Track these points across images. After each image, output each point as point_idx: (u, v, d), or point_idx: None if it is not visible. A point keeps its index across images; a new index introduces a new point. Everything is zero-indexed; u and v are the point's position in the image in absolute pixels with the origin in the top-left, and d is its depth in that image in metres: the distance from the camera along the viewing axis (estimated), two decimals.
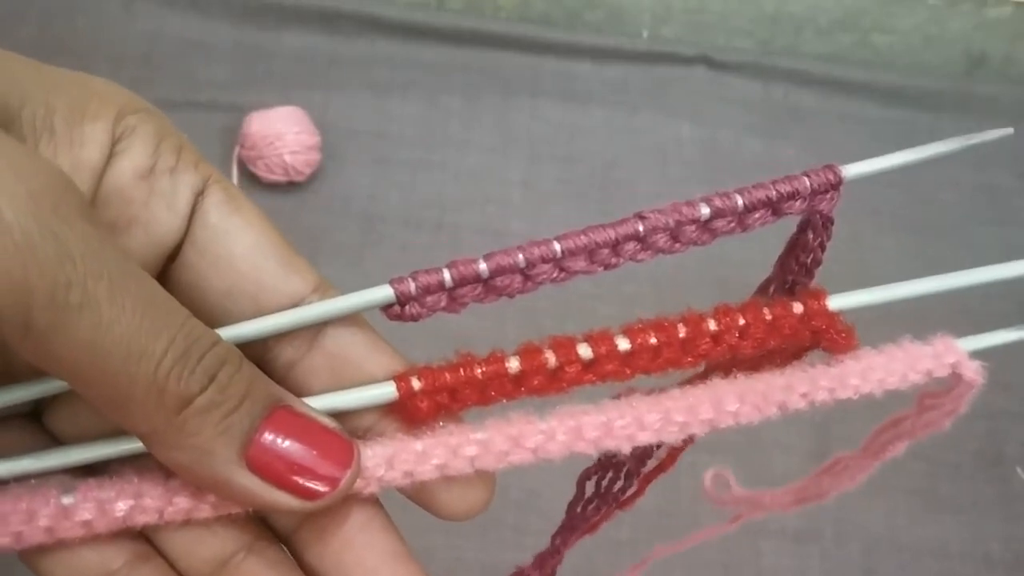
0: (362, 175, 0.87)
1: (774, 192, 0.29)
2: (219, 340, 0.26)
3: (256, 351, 0.29)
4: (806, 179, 0.29)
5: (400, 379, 0.29)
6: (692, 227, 0.29)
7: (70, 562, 0.28)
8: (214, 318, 0.29)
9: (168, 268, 0.29)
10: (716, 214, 0.29)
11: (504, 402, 0.29)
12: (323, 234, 0.84)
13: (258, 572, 0.29)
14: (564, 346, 0.29)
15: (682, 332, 0.29)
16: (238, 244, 0.29)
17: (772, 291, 0.33)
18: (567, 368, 0.29)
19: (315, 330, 0.29)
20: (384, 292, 0.29)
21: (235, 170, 0.85)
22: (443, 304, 0.29)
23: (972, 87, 0.96)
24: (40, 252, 0.22)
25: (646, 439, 0.29)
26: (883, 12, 0.95)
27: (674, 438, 0.29)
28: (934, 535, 0.76)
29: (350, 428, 0.29)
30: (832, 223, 0.30)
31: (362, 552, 0.29)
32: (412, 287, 0.28)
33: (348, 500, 0.28)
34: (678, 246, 0.29)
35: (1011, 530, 0.76)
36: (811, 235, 0.31)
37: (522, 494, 0.73)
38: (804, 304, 0.30)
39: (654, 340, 0.29)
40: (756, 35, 0.98)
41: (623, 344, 0.29)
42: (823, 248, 0.31)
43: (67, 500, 0.27)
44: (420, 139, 0.90)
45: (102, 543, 0.28)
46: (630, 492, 0.36)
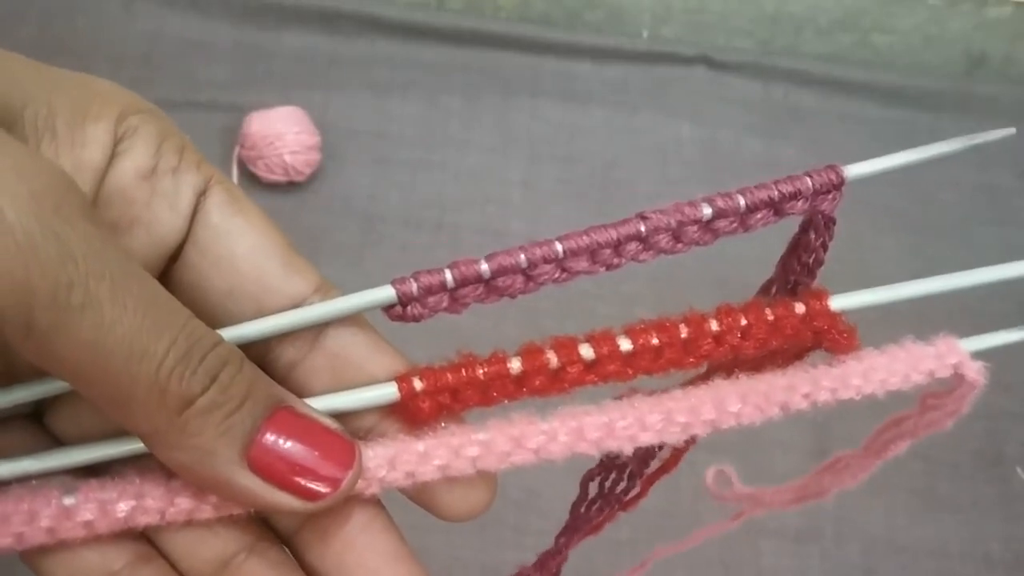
0: (362, 175, 0.87)
1: (776, 192, 0.29)
2: (221, 340, 0.26)
3: (258, 352, 0.29)
4: (808, 179, 0.29)
5: (402, 380, 0.29)
6: (694, 227, 0.29)
7: (71, 563, 0.28)
8: (216, 318, 0.29)
9: (170, 268, 0.29)
10: (718, 214, 0.29)
11: (506, 403, 0.29)
12: (323, 234, 0.84)
13: (260, 573, 0.29)
14: (566, 346, 0.29)
15: (684, 332, 0.29)
16: (240, 244, 0.29)
17: (774, 291, 0.33)
18: (569, 368, 0.29)
19: (317, 331, 0.29)
20: (386, 292, 0.28)
21: (235, 170, 0.85)
22: (445, 304, 0.29)
23: (972, 87, 0.96)
24: (42, 252, 0.22)
25: (648, 440, 0.29)
26: (883, 12, 0.95)
27: (676, 439, 0.29)
28: (934, 535, 0.76)
29: (352, 429, 0.29)
30: (834, 223, 0.30)
31: (364, 553, 0.29)
32: (414, 287, 0.28)
33: (350, 501, 0.28)
34: (680, 246, 0.29)
35: (1011, 530, 0.76)
36: (813, 235, 0.30)
37: (522, 494, 0.73)
38: (806, 304, 0.30)
39: (656, 340, 0.29)
40: (756, 35, 0.98)
41: (625, 344, 0.29)
42: (825, 248, 0.31)
43: (69, 501, 0.27)
44: (420, 139, 0.90)
45: (104, 544, 0.28)
46: (633, 493, 0.36)
